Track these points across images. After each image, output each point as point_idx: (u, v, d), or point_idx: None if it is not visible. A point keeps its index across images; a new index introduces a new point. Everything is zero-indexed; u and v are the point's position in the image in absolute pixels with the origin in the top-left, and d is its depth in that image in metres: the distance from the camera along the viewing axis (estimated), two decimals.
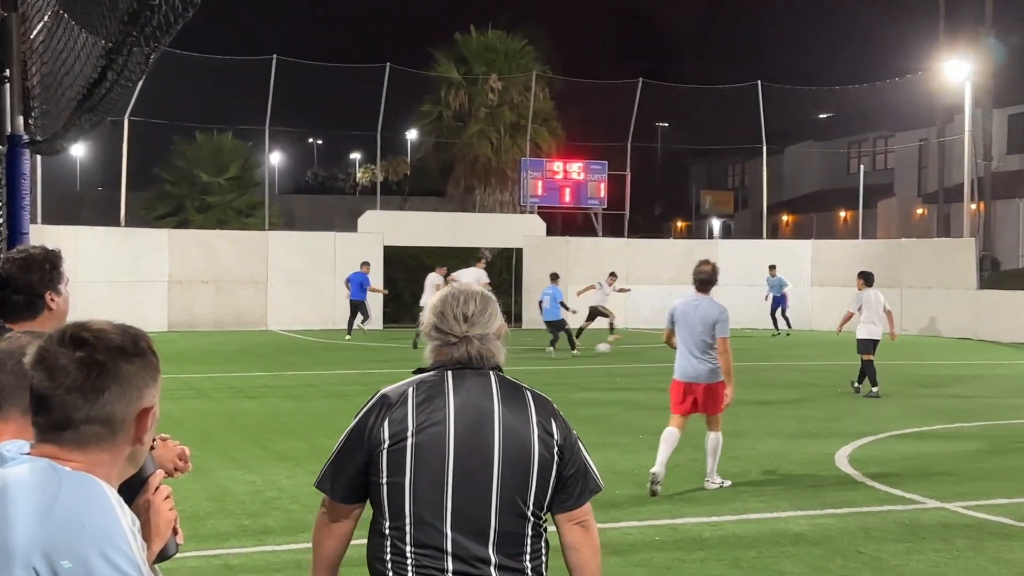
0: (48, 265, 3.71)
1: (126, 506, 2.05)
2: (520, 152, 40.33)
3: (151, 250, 30.55)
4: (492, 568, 3.09)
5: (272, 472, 10.64)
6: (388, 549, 3.13)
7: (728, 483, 10.34)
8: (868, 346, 17.27)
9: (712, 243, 39.84)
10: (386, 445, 3.12)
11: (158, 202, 43.44)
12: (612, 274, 28.23)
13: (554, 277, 26.45)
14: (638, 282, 34.41)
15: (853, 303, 17.88)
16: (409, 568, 3.09)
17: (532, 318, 32.88)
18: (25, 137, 5.01)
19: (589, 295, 26.86)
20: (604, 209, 38.29)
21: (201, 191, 43.12)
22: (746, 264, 34.55)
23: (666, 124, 70.86)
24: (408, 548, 3.10)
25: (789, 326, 32.18)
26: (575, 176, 37.59)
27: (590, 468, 3.30)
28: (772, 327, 32.22)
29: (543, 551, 3.19)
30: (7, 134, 4.98)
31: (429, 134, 44.48)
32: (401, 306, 36.48)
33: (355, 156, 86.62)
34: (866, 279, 17.62)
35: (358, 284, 29.52)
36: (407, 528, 3.10)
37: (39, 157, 17.94)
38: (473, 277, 26.15)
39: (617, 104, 39.84)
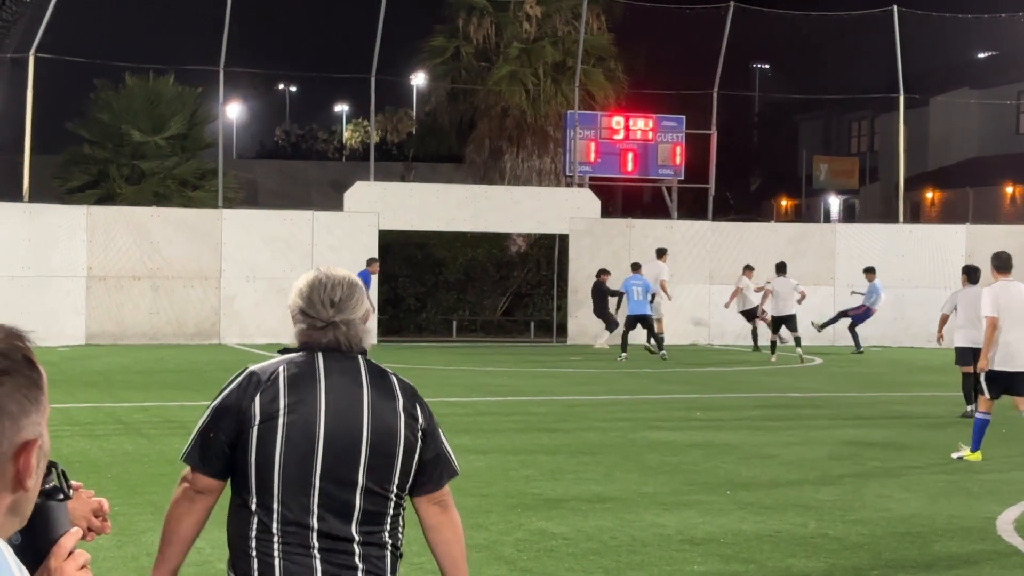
0: None
1: (25, 571, 2.05)
2: (566, 103, 40.33)
3: (64, 234, 30.76)
4: (355, 545, 4.14)
5: (223, 536, 10.67)
6: (254, 525, 4.16)
7: None
8: (969, 356, 17.97)
9: (829, 228, 39.68)
10: (257, 422, 4.11)
11: (74, 169, 43.73)
12: (747, 267, 31.11)
13: (636, 267, 30.18)
14: (725, 281, 34.34)
15: (947, 303, 19.09)
16: (275, 544, 4.12)
17: (582, 328, 32.86)
18: None
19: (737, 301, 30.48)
20: (681, 181, 38.23)
21: (132, 154, 43.37)
22: (875, 256, 34.41)
23: (766, 66, 70.66)
24: (275, 525, 4.13)
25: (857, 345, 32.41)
26: (641, 136, 37.57)
27: (448, 453, 4.38)
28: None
29: (400, 528, 4.28)
30: None
31: (442, 78, 44.53)
32: (403, 312, 36.57)
33: (341, 108, 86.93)
34: (970, 275, 18.46)
35: None
36: (274, 506, 4.12)
37: None
38: (654, 273, 30.60)
39: (699, 38, 39.72)
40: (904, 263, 34.08)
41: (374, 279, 30.53)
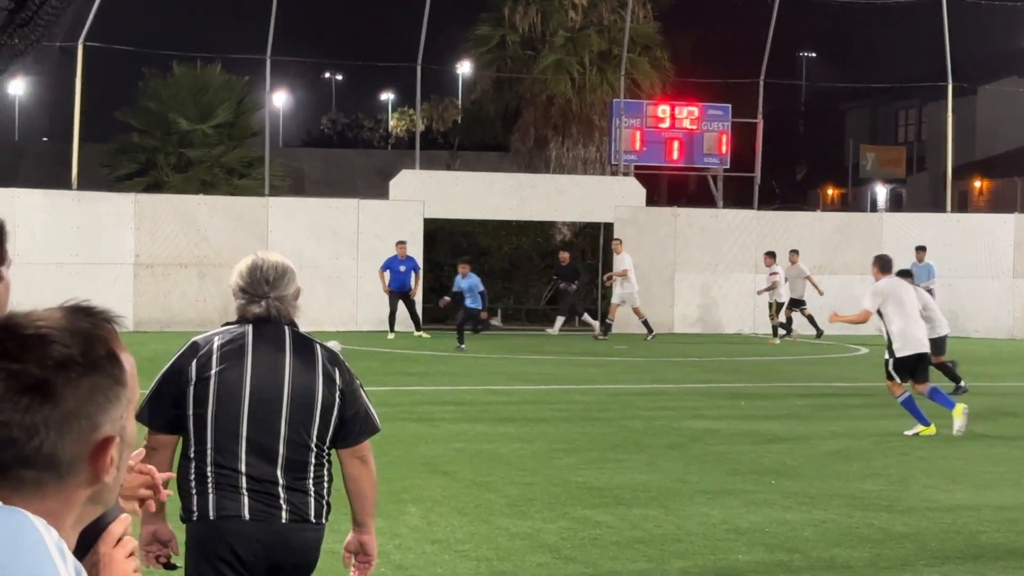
0: None
1: (70, 555, 2.06)
2: (612, 92, 40.29)
3: (112, 222, 30.96)
4: (280, 486, 4.92)
5: None
6: (193, 469, 4.97)
7: None
8: (940, 346, 19.87)
9: (875, 217, 39.45)
10: (193, 382, 4.97)
11: (122, 157, 44.04)
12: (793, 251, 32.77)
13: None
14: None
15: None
16: (209, 483, 4.92)
17: (627, 317, 32.84)
18: None
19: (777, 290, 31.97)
20: (726, 170, 38.11)
21: (179, 143, 43.62)
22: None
23: (813, 54, 70.35)
24: (208, 468, 4.94)
25: None
26: (686, 125, 37.46)
27: (369, 412, 5.12)
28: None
29: (325, 478, 5.06)
30: None
31: (487, 67, 44.55)
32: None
33: (387, 97, 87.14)
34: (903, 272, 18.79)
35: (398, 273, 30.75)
36: (208, 452, 4.94)
37: None
38: (621, 266, 32.22)
39: (745, 26, 39.57)
40: (952, 253, 33.80)
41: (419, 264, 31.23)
